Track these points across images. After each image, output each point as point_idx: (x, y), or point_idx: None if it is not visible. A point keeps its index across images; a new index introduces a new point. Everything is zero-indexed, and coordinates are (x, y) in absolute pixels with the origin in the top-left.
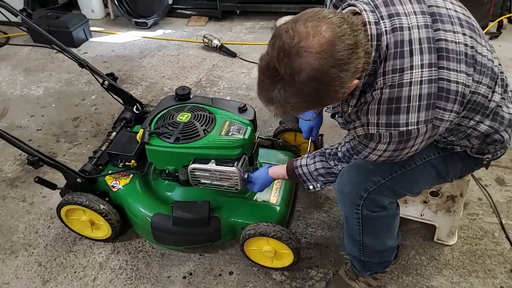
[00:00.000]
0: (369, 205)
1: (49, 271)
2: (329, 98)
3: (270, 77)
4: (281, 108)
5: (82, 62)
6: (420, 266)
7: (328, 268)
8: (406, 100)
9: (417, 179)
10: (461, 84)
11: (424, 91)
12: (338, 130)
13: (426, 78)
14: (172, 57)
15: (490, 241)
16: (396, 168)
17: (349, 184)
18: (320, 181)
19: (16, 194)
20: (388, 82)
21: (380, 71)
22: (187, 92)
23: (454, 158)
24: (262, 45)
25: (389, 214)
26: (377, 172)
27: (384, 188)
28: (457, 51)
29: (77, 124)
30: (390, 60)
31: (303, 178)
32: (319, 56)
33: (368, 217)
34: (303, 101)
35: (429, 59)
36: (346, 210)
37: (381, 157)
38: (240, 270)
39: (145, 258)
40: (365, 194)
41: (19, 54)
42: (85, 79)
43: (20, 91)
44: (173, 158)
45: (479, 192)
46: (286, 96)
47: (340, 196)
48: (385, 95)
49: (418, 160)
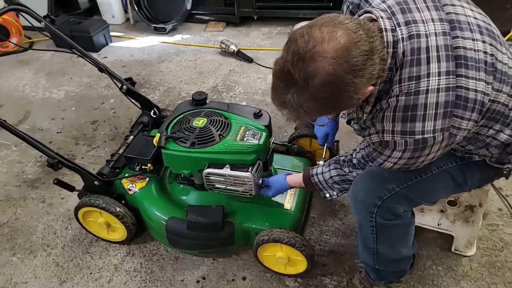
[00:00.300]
0: (383, 213)
1: (66, 272)
2: (343, 104)
3: (284, 81)
4: (294, 112)
5: (101, 66)
6: (437, 277)
7: (342, 276)
8: (423, 108)
9: (433, 188)
10: (480, 93)
11: (441, 99)
12: (354, 136)
13: (443, 86)
14: (190, 62)
15: (510, 252)
16: (412, 176)
17: (363, 192)
18: (336, 189)
19: (36, 195)
20: (404, 89)
21: (396, 79)
22: (203, 98)
23: (473, 167)
24: (279, 51)
25: (404, 223)
26: (392, 179)
27: (398, 196)
28: (476, 59)
29: (96, 127)
30: (407, 68)
31: (319, 186)
32: (334, 61)
33: (382, 225)
34: (316, 106)
35: (446, 67)
36: (360, 217)
37: (396, 164)
38: (253, 275)
39: (159, 261)
40: (379, 202)
41: (42, 59)
42: (105, 83)
43: (42, 94)
44: (189, 163)
45: (499, 202)
46: (300, 101)
47: (354, 203)
48: (401, 103)
49: (434, 169)
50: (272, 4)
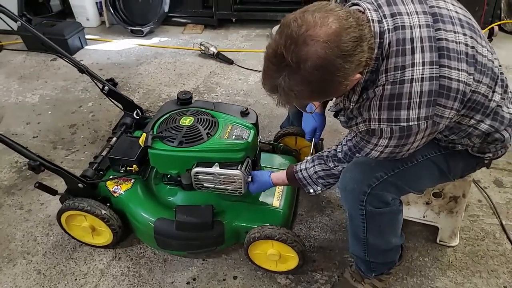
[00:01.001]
0: (372, 201)
1: (48, 279)
2: (332, 89)
3: (276, 64)
4: (285, 97)
5: (81, 67)
6: (424, 268)
7: (333, 271)
8: (407, 97)
9: (419, 175)
10: (462, 83)
11: (425, 88)
12: (337, 134)
13: (427, 75)
14: (169, 64)
15: (491, 242)
16: (398, 164)
17: (352, 181)
18: (321, 184)
19: (13, 201)
20: (390, 79)
21: (382, 68)
22: (188, 97)
23: (456, 156)
24: (259, 53)
25: (393, 210)
26: (379, 168)
27: (387, 184)
28: (457, 51)
29: (74, 131)
30: (392, 58)
31: (303, 182)
32: (326, 45)
33: (372, 213)
34: (307, 90)
35: (430, 57)
36: (350, 207)
37: (382, 153)
38: (244, 274)
39: (147, 264)
40: (368, 190)
41: (13, 62)
42: (81, 86)
43: (15, 98)
44: (177, 162)
45: (478, 194)
46: (291, 84)
47: (343, 193)
48: (386, 91)
49: (420, 157)
50: (251, 7)
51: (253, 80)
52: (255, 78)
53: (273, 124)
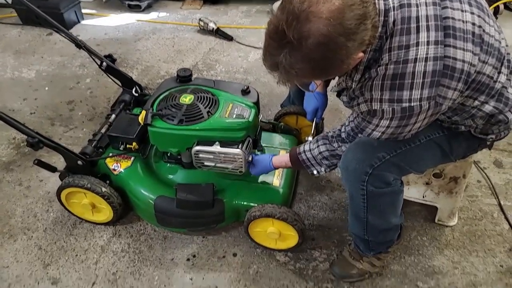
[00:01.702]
0: (374, 181)
1: (49, 255)
2: (334, 68)
3: (278, 41)
4: (286, 75)
5: (79, 42)
6: (422, 247)
7: (332, 249)
8: (410, 77)
9: (421, 156)
10: (466, 63)
11: (429, 68)
12: (338, 114)
13: (431, 55)
14: (168, 40)
15: (489, 221)
16: (401, 145)
17: (354, 161)
18: (325, 165)
19: (12, 178)
20: (393, 58)
21: (386, 47)
22: (188, 74)
23: (459, 137)
24: (259, 29)
25: (394, 191)
26: (382, 148)
27: (389, 164)
28: (464, 30)
29: (72, 108)
30: (397, 36)
31: (307, 164)
32: (328, 22)
33: (373, 193)
34: (308, 68)
35: (435, 37)
36: (352, 187)
37: (384, 134)
38: (243, 251)
39: (147, 241)
40: (370, 170)
41: (8, 36)
42: (79, 62)
43: (11, 73)
44: (177, 140)
45: (477, 175)
46: (292, 62)
47: (345, 173)
48: (389, 71)
49: (422, 138)
50: None
51: (253, 57)
52: (255, 55)
53: (273, 103)
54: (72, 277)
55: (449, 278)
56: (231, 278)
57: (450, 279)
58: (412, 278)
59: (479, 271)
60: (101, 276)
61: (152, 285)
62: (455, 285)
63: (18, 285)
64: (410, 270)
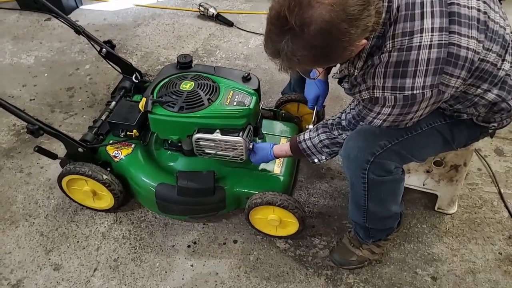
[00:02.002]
0: (375, 169)
1: (51, 241)
2: (336, 55)
3: (279, 27)
4: (287, 62)
5: (78, 28)
6: (421, 234)
7: (331, 236)
8: (414, 64)
9: (423, 144)
10: (471, 50)
11: (432, 56)
12: (339, 101)
13: (436, 42)
14: (167, 26)
15: (489, 209)
16: (403, 133)
17: (356, 149)
18: (325, 153)
19: (13, 164)
20: (397, 45)
21: (389, 34)
22: (188, 61)
23: (461, 125)
24: (260, 15)
25: (395, 179)
26: (383, 136)
27: (390, 152)
28: (469, 16)
29: (72, 94)
30: (400, 23)
31: (308, 152)
32: (331, 8)
33: (374, 181)
34: (310, 55)
35: (440, 23)
36: (353, 175)
37: (385, 121)
38: (244, 238)
39: (148, 227)
40: (371, 158)
41: (6, 22)
42: (78, 48)
43: (10, 59)
44: (177, 128)
45: (478, 163)
46: (294, 49)
47: (346, 161)
48: (393, 58)
49: (424, 126)
50: None
51: (254, 44)
52: (255, 41)
53: (274, 90)
54: (74, 263)
55: (448, 265)
56: (232, 265)
57: (449, 266)
58: (412, 265)
59: (478, 258)
60: (103, 262)
61: (153, 271)
62: (453, 272)
63: (20, 271)
64: (410, 257)
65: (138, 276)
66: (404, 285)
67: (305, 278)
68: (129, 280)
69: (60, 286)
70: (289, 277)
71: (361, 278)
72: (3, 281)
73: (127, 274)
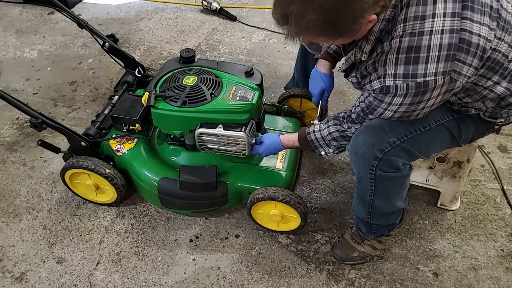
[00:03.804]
0: (383, 166)
1: (54, 234)
2: (346, 25)
3: None
4: (296, 27)
5: (81, 22)
6: (424, 230)
7: (333, 232)
8: (426, 50)
9: (431, 141)
10: (482, 38)
11: (444, 41)
12: (342, 97)
13: (448, 27)
14: (170, 20)
15: (491, 206)
16: (411, 129)
17: (364, 145)
18: (333, 146)
19: (16, 158)
20: (408, 29)
21: (400, 17)
22: (191, 55)
23: (468, 121)
24: (263, 9)
25: (402, 175)
26: (393, 133)
27: (399, 149)
28: (482, 3)
29: (75, 88)
30: (413, 6)
31: (315, 144)
32: None
33: (382, 177)
34: (319, 20)
35: (452, 8)
36: (360, 170)
37: (396, 112)
38: (246, 233)
39: (150, 222)
40: (380, 155)
41: (9, 15)
42: (81, 42)
43: (13, 53)
44: (180, 122)
45: (481, 159)
46: (303, 11)
47: (354, 157)
48: (404, 44)
49: (432, 122)
50: None
51: (257, 38)
52: (259, 36)
53: (277, 85)
54: (77, 257)
55: (449, 261)
56: (234, 259)
57: (450, 263)
58: (413, 261)
59: (480, 255)
60: (105, 256)
61: (156, 265)
62: (455, 268)
63: (24, 264)
64: (411, 253)
65: (140, 270)
66: (405, 281)
67: (307, 273)
68: (132, 273)
69: (63, 279)
70: (290, 272)
71: (363, 274)
72: (6, 273)
73: (129, 267)
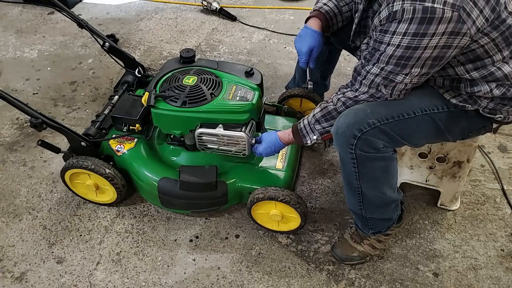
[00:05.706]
0: (362, 146)
1: (54, 234)
2: None
3: None
4: None
5: (81, 22)
6: (423, 230)
7: (333, 231)
8: None
9: (414, 129)
10: None
11: None
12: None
13: None
14: (170, 20)
15: (491, 206)
16: (393, 114)
17: (344, 125)
18: (317, 131)
19: (16, 158)
20: None
21: None
22: (191, 55)
23: (460, 116)
24: (263, 9)
25: (384, 157)
26: (373, 115)
27: (378, 131)
28: None
29: (75, 88)
30: None
31: (303, 132)
32: None
33: (362, 157)
34: None
35: None
36: (341, 150)
37: (398, 47)
38: (246, 233)
39: (150, 222)
40: (358, 134)
41: (9, 15)
42: (81, 42)
43: (13, 53)
44: (180, 122)
45: (481, 159)
46: None
47: (335, 137)
48: None
49: (418, 111)
50: None
51: (257, 38)
52: (259, 36)
53: (277, 85)
54: (77, 257)
55: (449, 261)
56: (234, 259)
57: (450, 263)
58: (413, 261)
59: (480, 255)
60: (105, 256)
61: (155, 265)
62: (455, 268)
63: (24, 264)
64: (411, 253)
65: (140, 270)
66: (405, 281)
67: (307, 273)
68: (132, 273)
69: (63, 279)
70: (290, 272)
71: (363, 274)
72: (6, 273)
73: (129, 267)
